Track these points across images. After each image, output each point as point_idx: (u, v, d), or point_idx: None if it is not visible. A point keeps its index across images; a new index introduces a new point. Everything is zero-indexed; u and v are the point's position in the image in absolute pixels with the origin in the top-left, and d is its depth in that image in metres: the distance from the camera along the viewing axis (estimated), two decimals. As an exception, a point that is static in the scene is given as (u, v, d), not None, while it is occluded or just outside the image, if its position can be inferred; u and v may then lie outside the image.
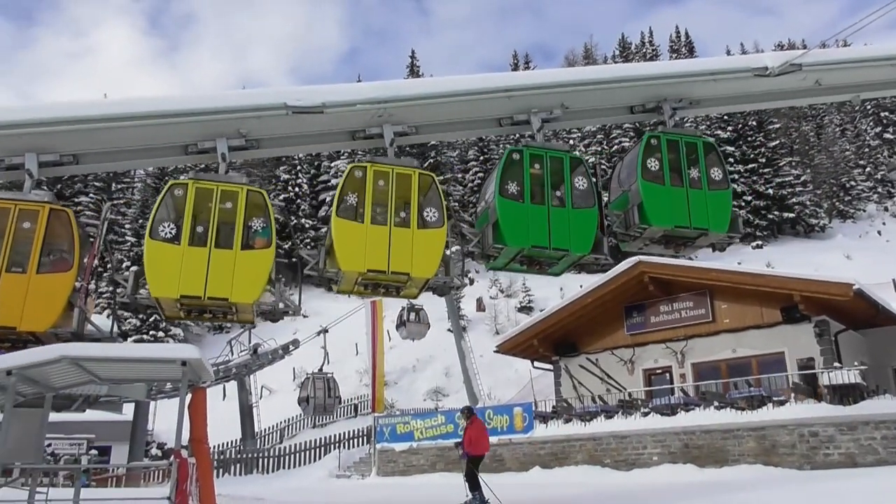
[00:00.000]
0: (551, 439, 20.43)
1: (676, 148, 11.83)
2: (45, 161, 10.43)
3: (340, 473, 25.90)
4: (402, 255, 10.61)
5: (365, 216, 10.73)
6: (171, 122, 10.66)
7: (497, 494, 12.51)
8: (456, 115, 11.90)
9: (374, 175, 10.94)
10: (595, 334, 24.63)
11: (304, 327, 42.28)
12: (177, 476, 8.64)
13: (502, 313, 46.74)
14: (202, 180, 10.65)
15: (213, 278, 10.12)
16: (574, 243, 11.09)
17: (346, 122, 11.35)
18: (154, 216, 10.38)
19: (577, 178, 11.53)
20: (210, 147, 10.93)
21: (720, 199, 11.76)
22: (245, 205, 10.62)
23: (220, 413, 24.74)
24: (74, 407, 22.23)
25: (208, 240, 10.32)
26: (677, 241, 12.02)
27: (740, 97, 13.18)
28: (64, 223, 10.38)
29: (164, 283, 10.02)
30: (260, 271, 10.46)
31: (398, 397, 39.15)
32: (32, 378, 8.85)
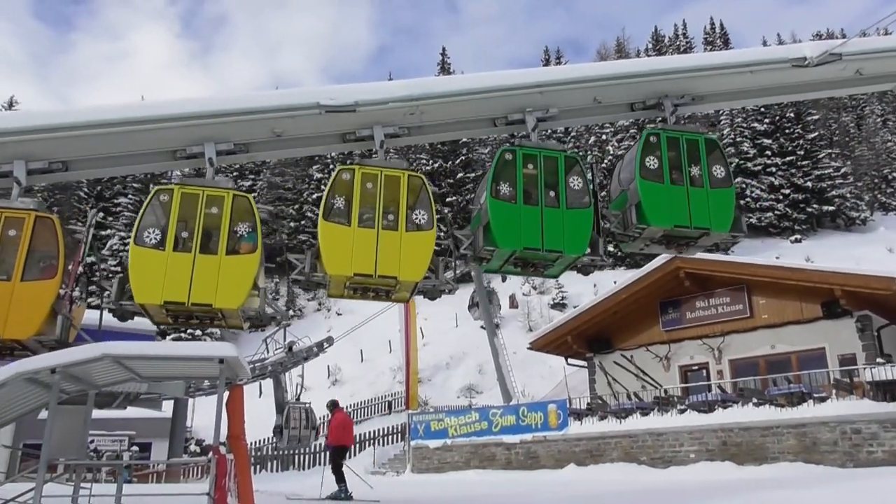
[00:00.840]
0: (586, 436, 20.29)
1: (677, 145, 11.55)
2: (33, 168, 10.40)
3: (375, 470, 26.05)
4: (389, 258, 10.43)
5: (352, 219, 10.56)
6: (205, 124, 10.71)
7: (369, 483, 12.36)
8: (460, 114, 11.73)
9: (363, 177, 10.77)
10: (630, 330, 24.40)
11: (339, 325, 42.69)
12: (215, 472, 8.77)
13: (535, 310, 46.53)
14: (188, 185, 10.56)
15: (197, 284, 10.01)
16: (568, 244, 10.84)
17: (379, 119, 11.38)
18: (139, 222, 10.29)
19: (572, 178, 11.26)
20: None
21: (723, 198, 11.45)
22: (231, 210, 10.52)
23: (256, 410, 25.02)
24: (116, 404, 22.75)
25: (193, 245, 10.22)
26: (679, 242, 11.73)
27: (753, 91, 12.76)
28: (49, 230, 10.26)
29: (147, 289, 9.93)
30: (245, 276, 10.31)
31: (432, 394, 39.24)
32: (76, 376, 9.06)
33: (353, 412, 36.72)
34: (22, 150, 10.29)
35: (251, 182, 68.55)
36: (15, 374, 8.05)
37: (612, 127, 57.90)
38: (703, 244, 11.94)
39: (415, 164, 61.59)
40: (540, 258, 11.04)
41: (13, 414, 9.55)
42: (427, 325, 46.63)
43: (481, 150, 64.41)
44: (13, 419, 10.03)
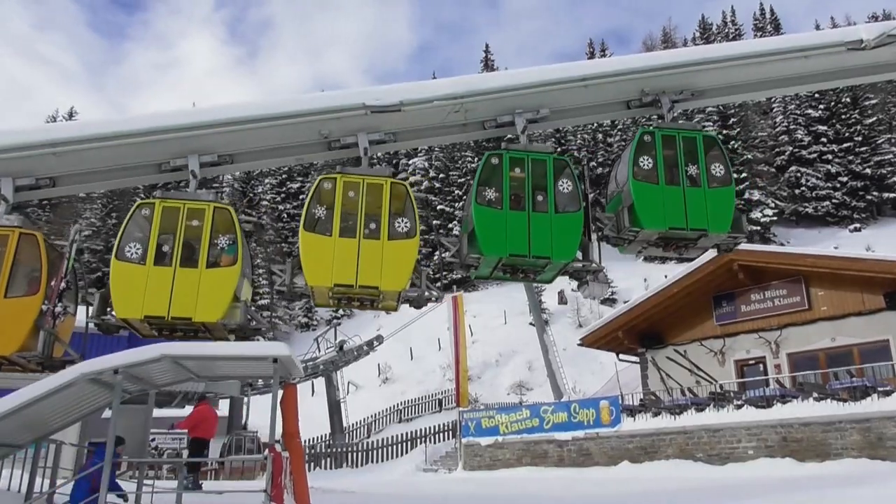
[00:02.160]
0: (640, 433, 19.99)
1: (673, 144, 11.16)
2: (21, 185, 10.60)
3: (427, 468, 26.17)
4: (370, 267, 10.24)
5: (333, 229, 10.40)
6: (256, 128, 10.93)
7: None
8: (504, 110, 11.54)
9: (344, 186, 10.63)
10: (682, 325, 23.94)
11: (388, 323, 43.01)
12: (272, 469, 8.95)
13: (585, 306, 46.07)
14: (169, 199, 10.57)
15: (177, 298, 10.00)
16: (556, 250, 10.53)
17: (423, 119, 11.42)
18: (121, 236, 10.35)
19: (561, 180, 10.96)
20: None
21: (721, 198, 11.04)
22: (211, 222, 10.51)
23: (309, 409, 25.48)
24: (174, 403, 23.49)
25: (173, 259, 10.22)
26: (677, 244, 11.35)
27: (765, 83, 12.34)
28: (33, 247, 10.37)
29: (128, 304, 9.97)
30: (224, 289, 10.27)
31: (482, 392, 39.24)
32: (137, 376, 9.37)
33: (403, 410, 37.04)
34: (4, 167, 10.45)
35: (300, 184, 69.68)
36: (80, 375, 8.36)
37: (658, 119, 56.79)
38: (704, 246, 11.50)
39: (459, 162, 61.67)
40: (528, 265, 10.74)
41: (79, 413, 9.90)
42: (476, 322, 46.65)
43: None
44: (79, 418, 10.39)
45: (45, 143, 10.47)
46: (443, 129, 11.67)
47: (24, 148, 10.43)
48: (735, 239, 11.38)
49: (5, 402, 8.17)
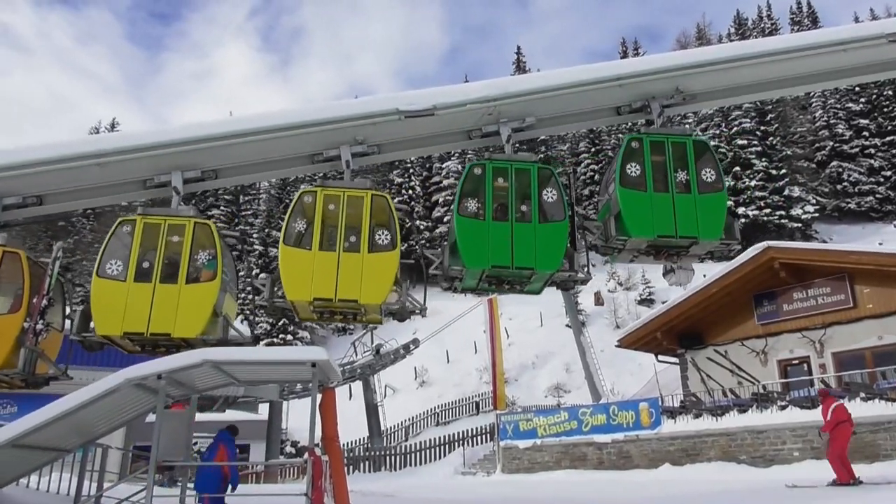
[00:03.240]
0: (681, 435, 19.68)
1: (662, 150, 10.89)
2: (9, 204, 10.80)
3: (466, 470, 26.13)
4: (350, 281, 10.16)
5: (313, 243, 10.35)
6: (291, 135, 11.05)
7: None
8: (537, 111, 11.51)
9: (325, 199, 10.59)
10: (723, 325, 23.53)
11: (424, 326, 43.11)
12: (312, 473, 9.03)
13: (622, 306, 45.59)
14: (150, 215, 10.63)
15: (156, 314, 10.00)
16: (540, 261, 10.34)
17: (459, 122, 11.42)
18: (102, 254, 10.38)
19: (546, 190, 10.78)
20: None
21: (712, 203, 10.77)
22: (192, 238, 10.51)
23: (347, 412, 25.66)
24: (215, 407, 23.87)
25: (153, 275, 10.23)
26: (668, 251, 11.08)
27: (753, 86, 12.02)
28: (16, 265, 10.45)
29: (108, 320, 9.99)
30: (203, 305, 10.26)
31: (519, 394, 39.06)
32: (179, 381, 9.54)
33: (440, 413, 37.06)
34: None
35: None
36: (125, 381, 8.54)
37: (696, 116, 55.97)
38: (696, 253, 11.21)
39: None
40: (513, 276, 10.58)
41: (124, 418, 10.12)
42: (512, 324, 46.49)
43: (560, 147, 63.64)
44: (124, 423, 10.62)
45: (34, 163, 10.58)
46: (428, 140, 11.64)
47: (14, 168, 10.55)
48: (729, 246, 11.08)
49: (53, 407, 8.38)
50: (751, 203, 50.57)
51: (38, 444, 8.79)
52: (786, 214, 49.83)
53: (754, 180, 51.49)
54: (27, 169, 10.61)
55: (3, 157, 10.75)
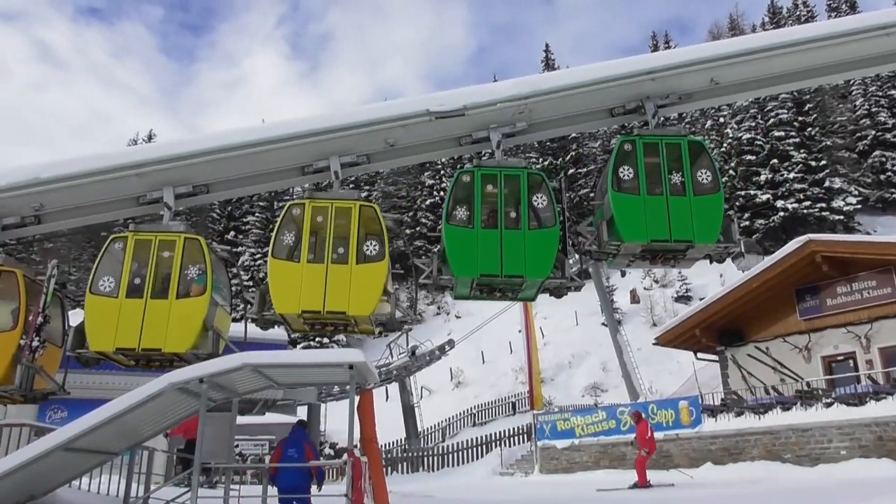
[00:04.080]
0: (722, 434, 19.38)
1: (656, 151, 10.62)
2: (7, 224, 11.05)
3: (504, 471, 26.08)
4: (338, 293, 10.09)
5: (301, 255, 10.33)
6: (327, 139, 11.06)
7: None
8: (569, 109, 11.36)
9: (313, 211, 10.56)
10: (763, 321, 23.09)
11: (458, 328, 43.19)
12: (351, 474, 9.11)
13: (658, 304, 45.03)
14: (141, 231, 10.69)
15: (147, 329, 10.07)
16: (530, 268, 10.15)
17: (487, 122, 11.38)
18: (95, 270, 10.48)
19: (536, 196, 10.59)
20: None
21: (708, 206, 10.46)
22: (182, 253, 10.55)
23: (383, 414, 25.80)
24: (255, 410, 24.17)
25: (145, 291, 10.30)
26: (665, 256, 10.83)
27: (789, 75, 11.61)
28: (12, 283, 10.67)
29: (101, 336, 10.11)
30: (193, 319, 10.28)
31: (555, 394, 38.85)
32: (220, 384, 9.69)
33: (477, 413, 37.03)
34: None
35: (367, 192, 70.64)
36: (168, 385, 8.70)
37: (730, 108, 55.03)
38: (694, 257, 10.95)
39: (527, 162, 61.31)
40: (503, 284, 10.45)
41: (168, 421, 10.33)
42: (547, 324, 46.26)
43: (591, 145, 63.12)
44: (169, 426, 10.83)
45: (31, 183, 10.81)
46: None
47: (11, 189, 10.77)
48: (727, 248, 10.76)
49: (101, 412, 8.58)
50: (790, 196, 49.51)
51: (88, 447, 9.00)
52: (827, 207, 48.64)
53: (793, 172, 50.39)
54: (27, 189, 10.86)
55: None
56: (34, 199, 11.00)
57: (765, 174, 51.18)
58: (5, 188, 10.84)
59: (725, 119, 56.67)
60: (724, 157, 54.55)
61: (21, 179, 10.89)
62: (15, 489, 8.59)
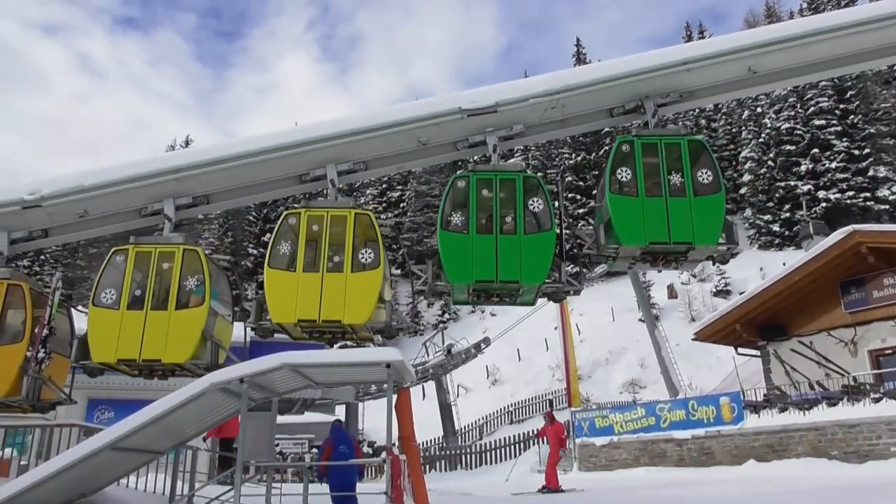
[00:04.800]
0: (765, 430, 18.99)
1: (655, 152, 10.39)
2: (15, 238, 11.41)
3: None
4: (333, 301, 10.12)
5: (297, 264, 10.37)
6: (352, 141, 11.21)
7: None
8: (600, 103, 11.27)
9: (308, 220, 10.58)
10: (807, 314, 22.59)
11: (493, 325, 43.13)
12: (390, 472, 9.14)
13: (697, 299, 44.38)
14: (142, 244, 10.87)
15: (148, 340, 10.24)
16: (525, 273, 10.04)
17: (520, 118, 11.33)
18: (98, 283, 10.68)
19: (532, 199, 10.46)
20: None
21: (709, 206, 10.22)
22: (181, 264, 10.66)
23: (420, 412, 25.87)
24: (294, 410, 24.45)
25: (145, 302, 10.47)
26: (666, 258, 10.56)
27: (827, 62, 11.33)
28: (19, 297, 10.99)
29: (103, 348, 10.31)
30: (192, 330, 10.40)
31: (593, 391, 38.56)
32: (260, 384, 9.82)
33: (514, 411, 36.94)
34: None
35: (399, 192, 71.02)
36: (210, 385, 8.86)
37: (768, 97, 53.88)
38: (696, 258, 10.70)
39: (557, 159, 60.94)
40: (501, 290, 10.35)
41: (211, 421, 10.51)
42: (583, 320, 45.92)
43: (626, 138, 62.28)
44: (211, 425, 11.02)
45: (34, 201, 11.11)
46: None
47: (8, 204, 11.13)
48: (729, 249, 10.51)
49: (145, 412, 8.78)
50: (832, 186, 48.35)
51: (134, 446, 9.22)
52: (871, 196, 47.39)
53: (835, 162, 49.22)
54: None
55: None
56: (79, 206, 11.33)
57: (805, 164, 50.03)
58: (49, 196, 11.16)
59: (763, 109, 55.52)
60: (763, 148, 53.46)
61: (19, 196, 11.24)
62: (66, 487, 8.85)
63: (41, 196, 11.11)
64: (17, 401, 10.72)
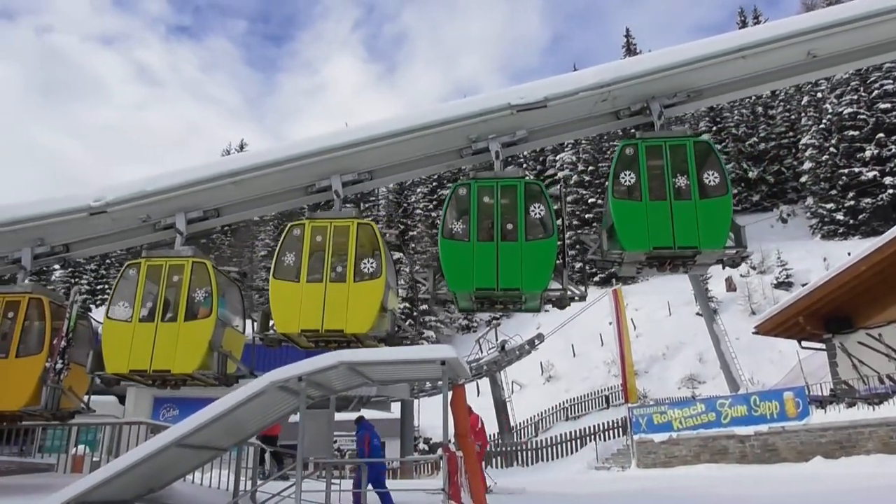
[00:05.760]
0: (832, 426, 18.37)
1: (659, 154, 10.08)
2: (39, 253, 11.94)
3: (599, 466, 25.67)
4: (336, 311, 10.21)
5: (301, 275, 10.46)
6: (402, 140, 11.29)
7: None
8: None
9: (312, 231, 10.66)
10: (875, 306, 21.68)
11: (547, 321, 42.78)
12: (447, 468, 9.19)
13: (757, 291, 43.16)
14: (153, 258, 11.15)
15: (158, 352, 10.51)
16: (526, 281, 9.89)
17: (570, 112, 11.22)
18: (112, 296, 11.00)
19: (533, 206, 10.27)
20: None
21: (716, 209, 9.87)
22: (190, 277, 10.90)
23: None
24: (351, 407, 24.82)
25: (156, 314, 10.74)
26: (674, 262, 10.24)
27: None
28: (40, 311, 11.48)
29: (116, 359, 10.62)
30: (199, 341, 10.58)
31: (650, 386, 37.94)
32: (318, 382, 10.00)
33: (569, 407, 36.64)
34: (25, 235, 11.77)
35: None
36: (270, 384, 9.06)
37: (829, 82, 51.96)
38: (705, 262, 10.37)
39: (608, 153, 60.06)
40: (503, 297, 10.26)
41: (271, 418, 10.75)
42: (638, 315, 45.21)
43: (678, 129, 60.95)
44: (271, 422, 11.27)
45: (100, 207, 11.58)
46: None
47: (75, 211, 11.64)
48: (739, 253, 10.14)
49: (209, 410, 9.03)
50: (899, 171, 46.42)
51: (198, 443, 9.49)
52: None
53: (902, 147, 47.23)
54: (51, 220, 11.82)
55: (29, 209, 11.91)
56: (142, 211, 11.77)
57: (870, 150, 48.15)
58: (114, 202, 11.65)
59: (824, 94, 53.60)
60: (824, 134, 51.64)
61: (26, 213, 11.87)
62: (137, 483, 9.18)
63: (106, 202, 11.57)
64: (37, 410, 11.18)
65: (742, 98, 47.36)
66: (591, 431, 28.95)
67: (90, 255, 13.52)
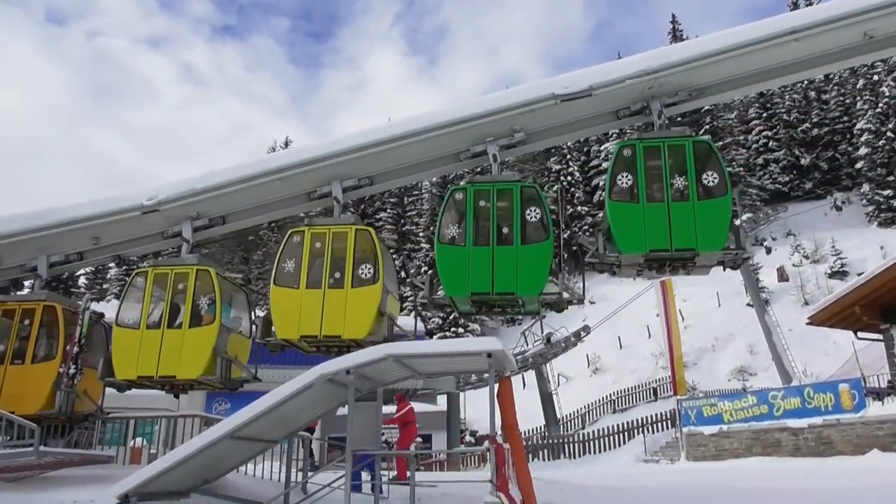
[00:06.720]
0: (890, 418, 17.86)
1: (658, 155, 9.84)
2: (53, 262, 12.30)
3: (648, 458, 25.40)
4: (334, 317, 10.30)
5: (300, 281, 10.54)
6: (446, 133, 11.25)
7: None
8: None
9: (312, 238, 10.73)
10: (936, 295, 20.93)
11: (593, 313, 42.44)
12: (495, 461, 9.22)
13: (810, 281, 41.96)
14: (160, 266, 11.39)
15: (164, 358, 10.73)
16: (522, 285, 9.79)
17: (613, 101, 11.07)
18: (121, 304, 11.24)
19: (529, 209, 10.14)
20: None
21: (714, 210, 9.61)
22: (194, 284, 11.07)
23: (522, 401, 25.84)
24: (397, 400, 25.03)
25: (162, 321, 10.94)
26: (673, 264, 10.00)
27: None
28: (54, 318, 11.79)
29: (125, 365, 10.91)
30: (203, 347, 10.74)
31: (699, 378, 37.28)
32: (365, 375, 10.13)
33: (617, 400, 36.30)
34: (42, 244, 12.18)
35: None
36: (318, 377, 9.22)
37: (885, 64, 50.08)
38: (705, 264, 10.09)
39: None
40: (499, 301, 10.19)
41: (320, 410, 10.93)
42: (686, 306, 44.44)
43: (727, 116, 59.61)
44: (320, 415, 11.47)
45: (152, 206, 11.84)
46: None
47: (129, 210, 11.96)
48: (739, 255, 9.87)
49: (259, 403, 9.24)
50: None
51: (250, 435, 9.71)
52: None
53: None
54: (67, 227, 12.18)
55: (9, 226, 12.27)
56: (192, 209, 12.08)
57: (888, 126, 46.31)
58: (166, 200, 11.97)
59: (880, 76, 51.70)
60: (881, 119, 49.86)
61: (30, 224, 12.25)
62: (192, 474, 9.45)
63: (158, 201, 11.91)
64: (52, 414, 11.55)
65: (794, 83, 45.96)
66: (639, 424, 28.64)
67: (139, 255, 14.04)
